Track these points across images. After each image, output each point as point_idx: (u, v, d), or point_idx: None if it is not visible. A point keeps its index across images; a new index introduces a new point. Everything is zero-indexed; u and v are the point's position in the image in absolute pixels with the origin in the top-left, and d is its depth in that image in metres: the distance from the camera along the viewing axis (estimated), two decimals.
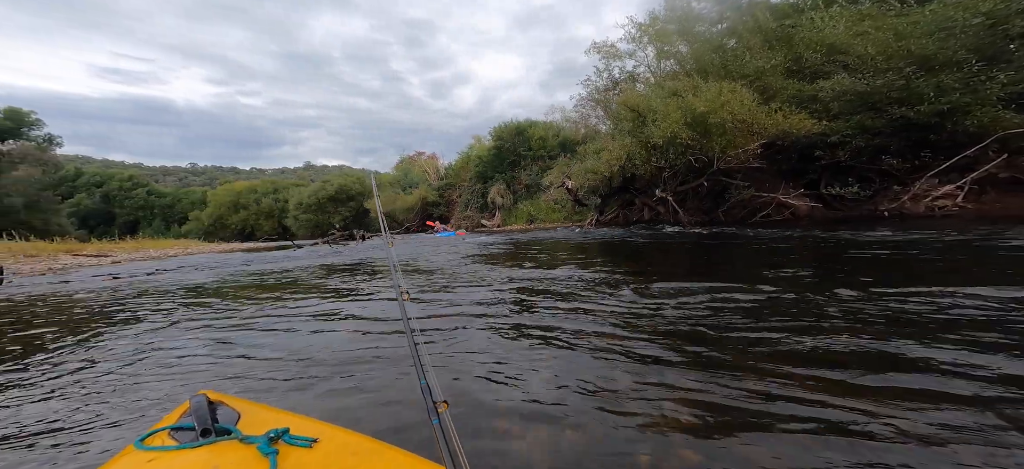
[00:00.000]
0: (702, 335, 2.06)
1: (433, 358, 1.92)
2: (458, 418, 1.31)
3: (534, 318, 2.61)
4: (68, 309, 3.83)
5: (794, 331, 2.00)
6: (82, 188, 45.77)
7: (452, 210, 27.96)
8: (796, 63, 11.57)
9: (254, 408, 0.97)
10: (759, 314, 2.33)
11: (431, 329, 2.46)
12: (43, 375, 2.01)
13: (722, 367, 1.67)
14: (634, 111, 12.11)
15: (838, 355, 1.72)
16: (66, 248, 12.71)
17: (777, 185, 11.97)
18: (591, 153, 14.85)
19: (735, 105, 9.96)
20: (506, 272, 4.56)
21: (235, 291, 4.37)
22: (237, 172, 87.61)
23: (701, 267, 4.43)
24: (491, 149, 25.64)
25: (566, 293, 3.28)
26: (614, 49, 15.53)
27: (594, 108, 18.69)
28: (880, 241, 5.10)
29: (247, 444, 0.78)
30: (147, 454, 0.77)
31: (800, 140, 10.70)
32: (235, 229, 39.51)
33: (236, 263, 8.39)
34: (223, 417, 0.88)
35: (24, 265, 8.34)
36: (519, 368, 1.79)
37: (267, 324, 2.80)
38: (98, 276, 6.50)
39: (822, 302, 2.46)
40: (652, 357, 1.82)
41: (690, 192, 13.53)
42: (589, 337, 2.14)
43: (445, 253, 7.55)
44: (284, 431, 0.80)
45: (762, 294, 2.75)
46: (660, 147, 11.63)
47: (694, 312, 2.45)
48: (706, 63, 12.52)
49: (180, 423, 0.86)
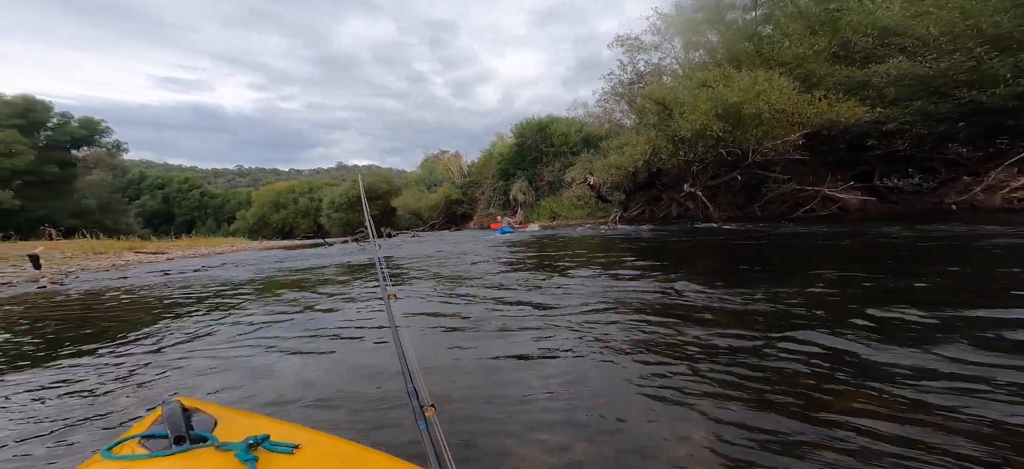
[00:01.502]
0: (730, 347, 1.87)
1: (425, 361, 1.89)
2: (447, 422, 1.25)
3: (535, 321, 2.52)
4: (118, 305, 4.15)
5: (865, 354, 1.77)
6: (146, 190, 50.34)
7: (475, 208, 28.19)
8: (843, 48, 10.61)
9: (231, 414, 0.93)
10: (793, 320, 2.09)
11: (424, 331, 2.43)
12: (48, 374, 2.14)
13: (749, 387, 1.49)
14: (660, 104, 11.61)
15: (901, 372, 1.49)
16: (129, 246, 14.00)
17: (822, 178, 11.07)
18: (614, 148, 14.43)
19: (773, 94, 9.27)
20: (515, 275, 4.46)
21: (255, 289, 4.56)
22: (277, 173, 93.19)
23: (733, 267, 4.10)
24: (513, 146, 25.58)
25: (572, 293, 3.14)
26: (638, 42, 14.96)
27: (618, 102, 18.13)
28: (951, 236, 4.53)
29: (224, 452, 0.74)
30: (115, 463, 0.73)
31: (849, 129, 9.81)
32: (276, 227, 41.96)
33: (271, 260, 8.85)
34: (198, 424, 0.84)
35: (92, 261, 9.26)
36: (515, 374, 1.72)
37: (267, 325, 2.83)
38: (152, 272, 7.07)
39: (887, 313, 2.17)
40: (666, 370, 1.67)
41: (722, 187, 12.81)
42: (594, 342, 2.02)
43: (462, 249, 7.56)
44: (263, 437, 0.76)
45: (807, 299, 2.48)
46: (688, 140, 11.07)
47: (720, 320, 2.24)
48: (738, 52, 11.77)
49: (151, 431, 0.82)
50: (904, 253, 4.01)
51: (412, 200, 30.19)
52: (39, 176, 25.64)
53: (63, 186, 27.95)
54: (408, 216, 30.28)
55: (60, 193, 27.61)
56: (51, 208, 25.86)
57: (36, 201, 25.40)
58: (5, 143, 24.33)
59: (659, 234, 8.82)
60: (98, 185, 33.21)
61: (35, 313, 3.78)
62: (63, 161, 27.96)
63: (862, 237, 5.55)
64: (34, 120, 26.72)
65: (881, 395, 1.35)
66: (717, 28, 12.99)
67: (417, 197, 30.34)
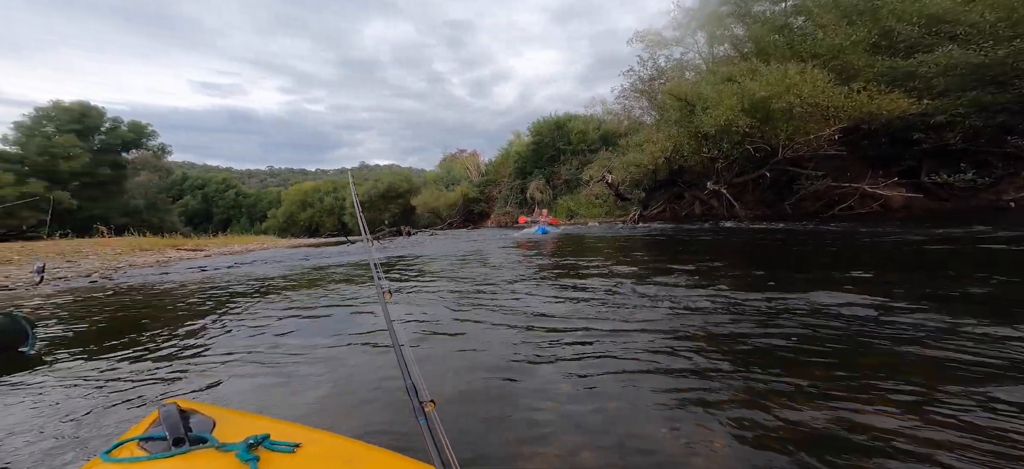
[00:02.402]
0: (762, 353, 1.78)
1: (427, 359, 1.89)
2: (447, 418, 1.26)
3: (547, 321, 2.47)
4: (159, 299, 4.45)
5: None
6: (187, 190, 53.66)
7: (492, 206, 28.33)
8: (885, 37, 9.91)
9: (229, 415, 0.94)
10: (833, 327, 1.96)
11: (427, 329, 2.43)
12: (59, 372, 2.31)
13: (776, 396, 1.41)
14: (681, 100, 11.23)
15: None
16: (172, 243, 14.98)
17: (861, 174, 10.39)
18: (634, 146, 14.09)
19: (805, 87, 8.77)
20: (527, 273, 4.40)
21: (278, 286, 4.75)
22: (305, 173, 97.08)
23: (757, 267, 3.89)
24: (529, 145, 25.50)
25: (587, 291, 3.05)
26: (659, 37, 14.49)
27: (637, 99, 17.68)
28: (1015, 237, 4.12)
29: (224, 452, 0.74)
30: (115, 466, 0.74)
31: (893, 122, 9.15)
32: (304, 225, 43.67)
33: (297, 258, 9.23)
34: (196, 425, 0.84)
35: (138, 258, 10.01)
36: (520, 368, 1.71)
37: (276, 322, 2.86)
38: (191, 268, 7.54)
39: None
40: (678, 368, 1.61)
41: (750, 184, 12.27)
42: (603, 340, 1.97)
43: (477, 248, 7.59)
44: (264, 437, 0.76)
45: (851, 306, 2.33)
46: (712, 136, 10.66)
47: (740, 322, 2.13)
48: (767, 45, 11.20)
49: (149, 433, 0.82)
50: (950, 254, 3.69)
51: (431, 199, 30.67)
52: (94, 178, 27.84)
53: (115, 187, 30.21)
54: (427, 215, 30.80)
55: (112, 193, 29.86)
56: (105, 207, 28.00)
57: (91, 201, 27.59)
58: (64, 147, 26.56)
59: (677, 232, 8.54)
60: (146, 186, 35.71)
61: (73, 308, 4.09)
62: (115, 163, 30.21)
63: (909, 236, 5.15)
64: (89, 125, 28.99)
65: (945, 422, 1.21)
66: (744, 21, 12.41)
67: (436, 196, 30.79)
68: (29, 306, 4.19)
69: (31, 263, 6.29)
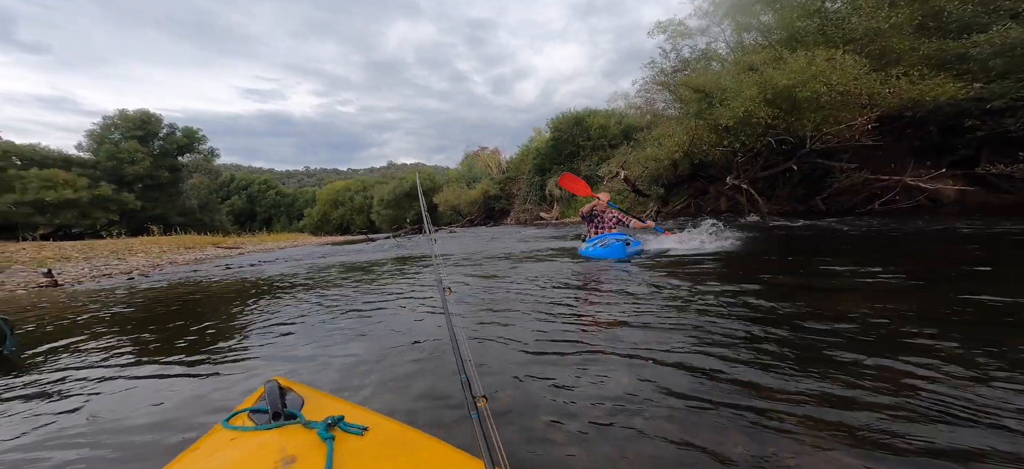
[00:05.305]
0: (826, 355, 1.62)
1: (477, 355, 1.85)
2: (498, 414, 1.32)
3: (587, 321, 2.36)
4: (186, 296, 4.91)
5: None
6: (234, 191, 57.98)
7: (512, 203, 28.42)
8: (933, 18, 8.90)
9: (316, 395, 1.08)
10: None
11: (478, 324, 2.37)
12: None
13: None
14: (700, 91, 10.70)
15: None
16: (213, 241, 16.39)
17: (903, 165, 9.45)
18: (651, 140, 13.61)
19: (834, 75, 8.08)
20: (564, 272, 4.18)
21: (308, 281, 5.06)
22: (338, 173, 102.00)
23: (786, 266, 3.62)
24: (549, 141, 25.26)
25: (625, 293, 2.89)
26: (682, 27, 13.83)
27: (660, 92, 17.00)
28: None
29: (309, 428, 0.86)
30: (230, 433, 0.89)
31: (942, 109, 8.23)
32: (336, 224, 45.89)
33: (319, 255, 9.81)
34: (291, 402, 0.98)
35: (180, 256, 11.00)
36: (568, 370, 1.65)
37: (320, 316, 2.96)
38: (218, 266, 8.23)
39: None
40: (740, 380, 1.47)
41: (779, 178, 11.50)
42: (652, 347, 1.83)
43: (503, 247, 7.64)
44: (339, 418, 0.87)
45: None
46: (731, 129, 10.09)
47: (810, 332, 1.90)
48: (798, 31, 10.40)
49: (257, 405, 0.98)
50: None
51: (452, 196, 31.19)
52: (154, 180, 30.87)
53: (172, 189, 33.31)
54: (449, 212, 31.40)
55: (170, 195, 32.97)
56: (164, 208, 31.03)
57: (152, 202, 30.64)
58: (129, 152, 29.64)
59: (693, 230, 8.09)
60: (198, 187, 39.10)
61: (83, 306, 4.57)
62: (172, 166, 33.27)
63: (966, 232, 4.62)
64: (149, 131, 32.08)
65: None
66: (772, 7, 11.58)
67: (457, 193, 31.27)
68: (44, 306, 4.77)
69: (28, 270, 7.09)
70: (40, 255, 9.23)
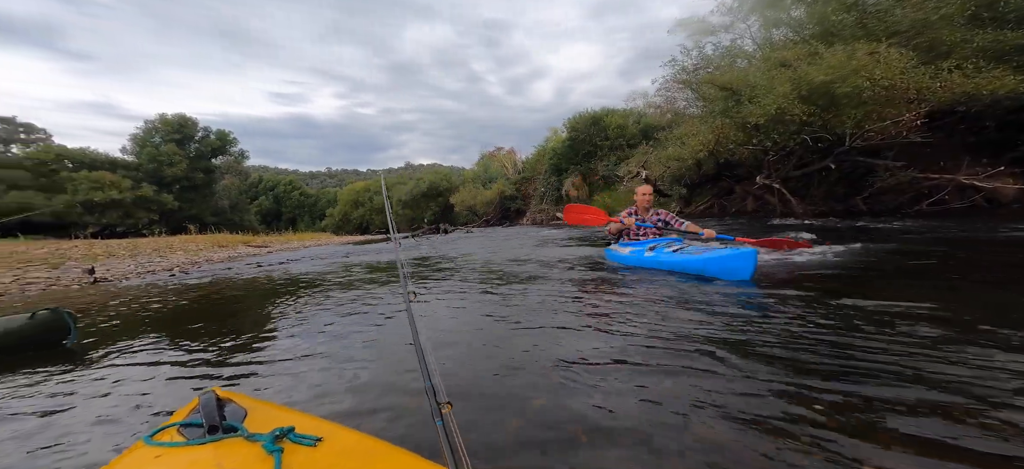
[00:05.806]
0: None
1: (443, 360, 1.84)
2: (463, 421, 1.26)
3: (576, 322, 2.35)
4: (206, 295, 5.12)
5: None
6: (262, 192, 60.69)
7: (528, 203, 28.31)
8: (987, 8, 8.20)
9: (261, 406, 0.98)
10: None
11: (444, 330, 2.38)
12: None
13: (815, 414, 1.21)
14: (725, 89, 10.27)
15: None
16: (243, 239, 17.15)
17: (955, 163, 8.75)
18: (673, 139, 13.21)
19: (878, 69, 7.55)
20: (554, 269, 4.23)
21: (315, 283, 5.16)
22: (358, 174, 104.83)
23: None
24: (565, 141, 25.00)
25: (613, 295, 2.86)
26: (704, 24, 13.34)
27: (681, 90, 16.48)
28: None
29: (252, 442, 0.77)
30: (155, 450, 0.79)
31: (1001, 103, 7.56)
32: (356, 223, 47.14)
33: (340, 254, 10.04)
34: (231, 414, 0.89)
35: (215, 253, 11.56)
36: (540, 375, 1.64)
37: (299, 322, 2.96)
38: (249, 264, 8.57)
39: None
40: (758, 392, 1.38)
41: (815, 177, 10.90)
42: (631, 355, 1.78)
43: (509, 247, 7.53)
44: (289, 430, 0.79)
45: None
46: (762, 127, 9.63)
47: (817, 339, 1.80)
48: (833, 25, 9.81)
49: (189, 419, 0.88)
50: None
51: (468, 196, 31.39)
52: (190, 181, 32.68)
53: (207, 189, 35.17)
54: (465, 212, 31.61)
55: (205, 195, 34.82)
56: (199, 207, 32.78)
57: (189, 202, 32.42)
58: (168, 155, 31.45)
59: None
60: (229, 188, 41.06)
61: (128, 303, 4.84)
62: (206, 168, 35.12)
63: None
64: (186, 135, 33.97)
65: None
66: (805, 0, 10.98)
67: (473, 193, 31.46)
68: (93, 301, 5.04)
69: (80, 266, 7.60)
70: (90, 252, 9.89)
